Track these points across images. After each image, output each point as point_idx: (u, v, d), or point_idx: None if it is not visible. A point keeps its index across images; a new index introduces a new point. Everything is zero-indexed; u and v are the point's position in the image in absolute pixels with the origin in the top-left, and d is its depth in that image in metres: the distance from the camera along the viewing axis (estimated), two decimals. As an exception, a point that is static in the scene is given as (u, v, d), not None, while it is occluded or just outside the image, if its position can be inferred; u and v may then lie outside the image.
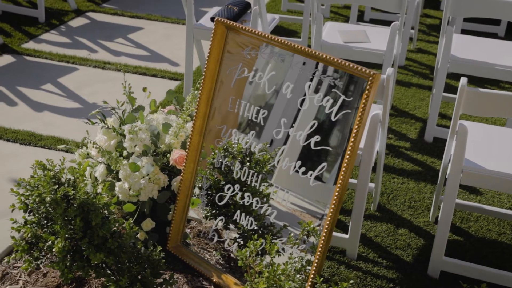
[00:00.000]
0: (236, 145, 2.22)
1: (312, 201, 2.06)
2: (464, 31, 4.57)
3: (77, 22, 4.70)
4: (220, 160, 2.27)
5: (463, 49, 3.21)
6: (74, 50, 4.18)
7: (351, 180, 2.70)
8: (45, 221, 2.07)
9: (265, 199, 2.16)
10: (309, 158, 2.04)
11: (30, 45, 4.24)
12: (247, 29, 2.15)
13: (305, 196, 2.07)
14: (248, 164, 2.19)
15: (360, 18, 4.91)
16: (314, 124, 2.02)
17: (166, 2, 5.10)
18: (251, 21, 3.22)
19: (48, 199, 1.95)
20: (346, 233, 2.48)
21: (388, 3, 3.23)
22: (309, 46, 4.16)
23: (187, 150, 2.28)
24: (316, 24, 3.18)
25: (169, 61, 4.11)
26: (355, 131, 1.90)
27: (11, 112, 3.39)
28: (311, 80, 2.03)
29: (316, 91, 2.02)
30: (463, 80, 2.10)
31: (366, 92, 1.88)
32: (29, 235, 2.07)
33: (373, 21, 4.85)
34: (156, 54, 4.21)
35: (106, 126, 2.38)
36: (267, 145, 2.14)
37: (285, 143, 2.10)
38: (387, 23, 4.48)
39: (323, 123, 2.01)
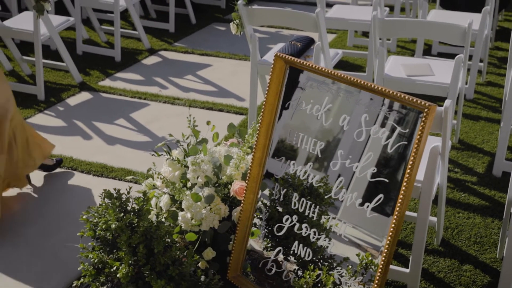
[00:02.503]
0: (296, 177, 2.26)
1: (369, 232, 2.06)
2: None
3: (150, 60, 4.93)
4: (280, 191, 2.31)
5: (532, 81, 3.13)
6: (146, 87, 4.39)
7: (412, 213, 2.66)
8: (111, 248, 2.18)
9: (324, 231, 2.18)
10: (365, 190, 2.05)
11: (106, 82, 4.48)
12: (304, 63, 2.21)
13: (362, 228, 2.07)
14: (308, 197, 2.22)
15: (427, 52, 4.87)
16: (371, 155, 2.04)
17: (234, 40, 5.26)
18: (313, 56, 3.28)
19: (113, 226, 2.06)
20: (407, 267, 2.44)
21: (452, 37, 3.21)
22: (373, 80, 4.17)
23: (247, 181, 2.33)
24: (379, 58, 3.20)
25: (235, 96, 4.22)
26: (411, 162, 1.90)
27: (86, 145, 3.58)
28: (367, 112, 2.05)
29: (372, 123, 2.04)
30: (525, 112, 2.06)
31: (422, 123, 1.88)
32: (96, 261, 2.17)
33: (440, 55, 4.80)
34: (223, 90, 4.35)
35: (171, 158, 2.48)
36: (325, 177, 2.17)
37: (342, 175, 2.11)
38: (454, 57, 4.42)
39: (380, 155, 2.02)
